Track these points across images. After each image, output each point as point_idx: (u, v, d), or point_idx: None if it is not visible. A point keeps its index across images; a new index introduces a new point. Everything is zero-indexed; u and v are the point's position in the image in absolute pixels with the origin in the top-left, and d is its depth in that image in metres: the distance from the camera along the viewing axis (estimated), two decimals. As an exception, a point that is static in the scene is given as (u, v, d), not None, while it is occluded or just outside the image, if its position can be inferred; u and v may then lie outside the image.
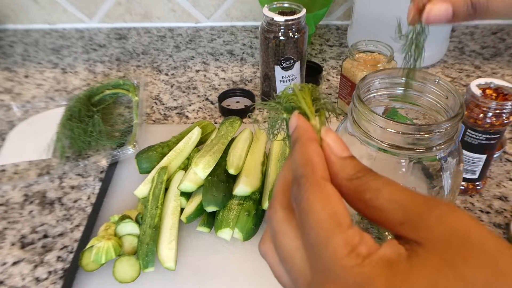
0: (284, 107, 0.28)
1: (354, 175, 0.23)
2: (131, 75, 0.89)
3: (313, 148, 0.24)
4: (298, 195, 0.22)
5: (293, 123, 0.26)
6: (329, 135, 0.25)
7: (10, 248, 0.54)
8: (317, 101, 0.28)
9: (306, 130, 0.25)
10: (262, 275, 0.50)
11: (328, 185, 0.22)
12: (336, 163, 0.24)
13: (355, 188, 0.22)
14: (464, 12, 0.32)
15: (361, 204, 0.22)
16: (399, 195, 0.21)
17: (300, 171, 0.23)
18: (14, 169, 0.67)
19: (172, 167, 0.59)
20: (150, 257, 0.49)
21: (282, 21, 0.66)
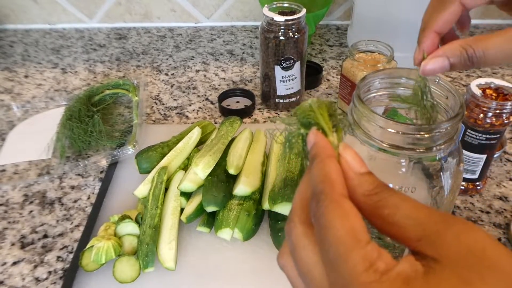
0: (301, 122, 0.28)
1: (372, 191, 0.23)
2: (131, 75, 0.89)
3: (332, 165, 0.24)
4: (317, 211, 0.23)
5: (311, 140, 0.27)
6: (347, 151, 0.26)
7: (10, 248, 0.54)
8: (333, 117, 0.28)
9: (324, 147, 0.26)
10: (262, 275, 0.50)
11: (346, 201, 0.22)
12: (354, 178, 0.24)
13: (373, 204, 0.23)
14: (461, 64, 0.32)
15: (379, 219, 0.23)
16: (416, 212, 0.21)
17: (319, 187, 0.23)
18: (14, 169, 0.67)
19: (172, 167, 0.59)
20: (150, 257, 0.49)
21: (282, 21, 0.66)
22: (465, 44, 0.32)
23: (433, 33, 0.34)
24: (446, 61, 0.32)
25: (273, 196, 0.51)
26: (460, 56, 0.32)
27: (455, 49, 0.32)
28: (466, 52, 0.32)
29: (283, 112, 0.77)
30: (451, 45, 0.32)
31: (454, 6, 0.34)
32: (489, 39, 0.31)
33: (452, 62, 0.32)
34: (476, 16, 1.04)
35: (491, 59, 0.31)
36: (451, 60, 0.32)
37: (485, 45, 0.31)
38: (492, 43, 0.31)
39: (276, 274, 0.49)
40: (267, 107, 0.78)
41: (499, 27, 1.03)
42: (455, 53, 0.32)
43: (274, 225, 0.52)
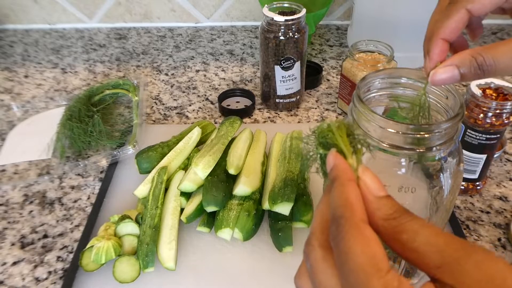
0: (320, 142, 0.28)
1: (391, 215, 0.23)
2: (131, 75, 0.89)
3: (352, 189, 0.24)
4: (337, 236, 0.23)
5: (331, 162, 0.27)
6: (366, 174, 0.26)
7: (10, 248, 0.54)
8: (352, 137, 0.28)
9: (344, 170, 0.26)
10: (262, 275, 0.50)
11: (367, 228, 0.22)
12: (373, 202, 0.24)
13: (392, 229, 0.23)
14: (471, 73, 0.31)
15: (398, 244, 0.23)
16: (436, 238, 0.21)
17: (339, 211, 0.23)
18: (14, 169, 0.67)
19: (172, 167, 0.59)
20: (150, 257, 0.49)
21: (282, 21, 0.66)
22: (475, 52, 0.31)
23: (440, 40, 0.33)
24: (456, 70, 0.31)
25: (273, 196, 0.51)
26: (470, 66, 0.31)
27: (464, 58, 0.31)
28: (476, 61, 0.31)
29: (283, 112, 0.77)
30: (460, 55, 0.31)
31: (460, 14, 0.33)
32: (499, 46, 0.30)
33: (462, 72, 0.31)
34: (476, 16, 1.04)
35: (502, 68, 0.30)
36: (461, 70, 0.31)
37: (495, 53, 0.30)
38: (502, 50, 0.30)
39: (276, 274, 0.50)
40: (267, 107, 0.78)
41: (499, 27, 1.03)
42: (464, 63, 0.31)
43: (274, 225, 0.52)
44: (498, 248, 0.53)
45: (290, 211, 0.51)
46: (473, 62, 0.31)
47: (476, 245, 0.21)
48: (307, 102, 0.79)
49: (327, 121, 0.29)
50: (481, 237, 0.54)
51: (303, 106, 0.78)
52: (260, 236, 0.54)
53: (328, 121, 0.29)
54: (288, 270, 0.49)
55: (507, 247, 0.53)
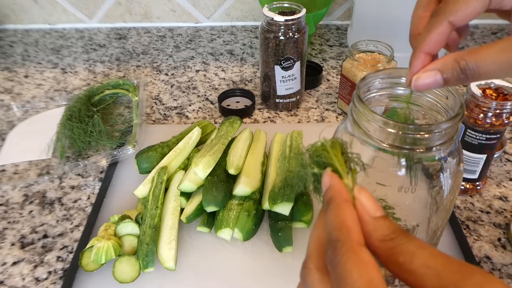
0: (314, 161, 0.28)
1: (388, 236, 0.23)
2: (131, 75, 0.89)
3: (348, 210, 0.24)
4: (334, 259, 0.22)
5: (326, 182, 0.26)
6: (362, 194, 0.25)
7: (10, 248, 0.54)
8: (346, 156, 0.28)
9: (340, 191, 0.25)
10: (262, 275, 0.50)
11: (364, 251, 0.22)
12: (369, 223, 0.24)
13: (389, 250, 0.23)
14: (455, 77, 0.30)
15: (395, 266, 0.22)
16: (433, 260, 0.21)
17: (335, 234, 0.23)
18: (14, 169, 0.67)
19: (172, 167, 0.59)
20: (150, 257, 0.49)
21: (282, 21, 0.66)
22: (458, 56, 0.30)
23: (423, 54, 0.32)
24: (439, 75, 0.30)
25: (273, 196, 0.51)
26: (453, 70, 0.30)
27: (447, 62, 0.30)
28: (459, 65, 0.29)
29: (283, 112, 0.77)
30: (443, 59, 0.30)
31: (442, 27, 0.31)
32: (483, 50, 0.29)
33: (445, 76, 0.30)
34: (476, 16, 1.04)
35: (486, 72, 0.29)
36: (444, 74, 0.30)
37: (478, 56, 0.29)
38: (485, 54, 0.29)
39: (276, 274, 0.50)
40: (267, 107, 0.78)
41: (499, 27, 1.03)
42: (447, 67, 0.30)
43: (274, 225, 0.52)
44: (498, 248, 0.53)
45: (290, 211, 0.51)
46: (456, 66, 0.30)
47: (474, 267, 0.21)
48: (307, 102, 0.79)
49: (321, 139, 0.29)
50: (481, 237, 0.54)
51: (303, 106, 0.78)
52: (260, 236, 0.54)
53: (322, 139, 0.29)
54: (288, 270, 0.50)
55: (507, 247, 0.53)
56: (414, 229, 0.40)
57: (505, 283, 0.48)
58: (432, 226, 0.41)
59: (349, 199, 0.25)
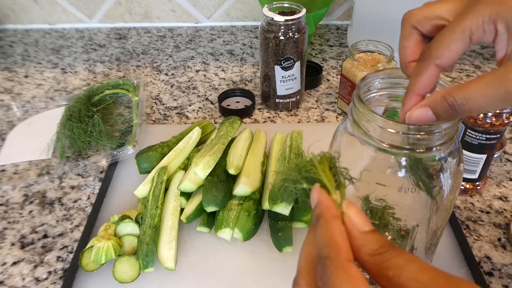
0: (303, 176, 0.28)
1: (377, 251, 0.24)
2: (131, 75, 0.89)
3: (337, 226, 0.25)
4: (324, 276, 0.23)
5: (315, 198, 0.27)
6: (351, 209, 0.26)
7: (10, 248, 0.54)
8: (334, 170, 0.28)
9: (328, 207, 0.26)
10: (262, 275, 0.50)
11: (353, 267, 0.23)
12: (358, 238, 0.24)
13: (378, 264, 0.23)
14: (445, 113, 0.30)
15: (384, 280, 0.23)
16: (421, 274, 0.22)
17: (325, 251, 0.23)
18: (14, 169, 0.67)
19: (172, 167, 0.59)
20: (150, 257, 0.49)
21: (282, 21, 0.66)
22: (446, 93, 0.30)
23: (415, 96, 0.32)
24: (430, 111, 0.31)
25: (273, 196, 0.51)
26: (441, 105, 0.30)
27: (435, 100, 0.31)
28: (447, 102, 0.30)
29: (283, 112, 0.77)
30: (433, 96, 0.31)
31: (430, 71, 0.32)
32: (469, 85, 0.29)
33: (435, 112, 0.31)
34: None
35: (475, 106, 0.29)
36: (434, 111, 0.31)
37: (466, 92, 0.29)
38: (473, 89, 0.29)
39: (276, 274, 0.50)
40: (267, 107, 0.78)
41: (499, 27, 1.03)
42: (436, 103, 0.30)
43: (274, 225, 0.52)
44: (498, 248, 0.53)
45: (290, 211, 0.51)
46: (444, 103, 0.30)
47: (462, 280, 0.21)
48: (307, 102, 0.79)
49: (309, 154, 0.29)
50: (481, 237, 0.54)
51: (303, 106, 0.78)
52: (260, 236, 0.54)
53: (310, 154, 0.29)
54: (288, 270, 0.50)
55: (507, 247, 0.53)
56: (414, 229, 0.40)
57: (505, 283, 0.49)
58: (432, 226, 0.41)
59: (338, 215, 0.25)
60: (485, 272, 0.50)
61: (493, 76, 0.28)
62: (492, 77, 0.28)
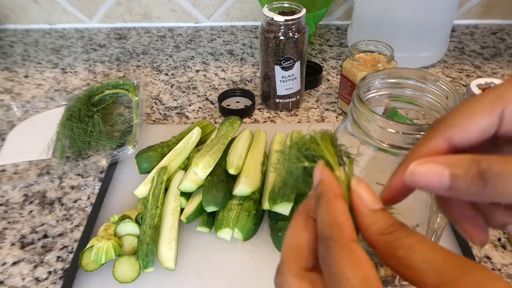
0: (304, 155, 0.27)
1: (386, 230, 0.22)
2: (131, 75, 0.89)
3: (339, 205, 0.23)
4: (327, 257, 0.22)
5: (317, 176, 0.25)
6: (360, 186, 0.24)
7: (10, 248, 0.54)
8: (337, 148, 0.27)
9: (331, 185, 0.24)
10: (262, 275, 0.50)
11: (357, 248, 0.21)
12: (367, 215, 0.23)
13: (387, 244, 0.22)
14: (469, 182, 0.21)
15: (393, 260, 0.22)
16: (433, 256, 0.21)
17: (327, 231, 0.22)
18: (14, 169, 0.67)
19: (172, 167, 0.59)
20: (150, 257, 0.49)
21: (282, 21, 0.66)
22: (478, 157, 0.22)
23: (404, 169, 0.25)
24: (447, 172, 0.22)
25: (273, 196, 0.51)
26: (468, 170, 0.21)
27: (461, 159, 0.22)
28: (479, 166, 0.21)
29: (283, 112, 0.77)
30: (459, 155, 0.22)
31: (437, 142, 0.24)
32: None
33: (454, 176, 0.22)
34: (476, 16, 1.04)
35: None
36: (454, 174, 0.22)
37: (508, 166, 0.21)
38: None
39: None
40: (267, 107, 0.78)
41: (499, 27, 1.03)
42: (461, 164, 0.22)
43: (274, 225, 0.52)
44: (498, 248, 0.53)
45: (290, 211, 0.51)
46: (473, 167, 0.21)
47: (476, 263, 0.20)
48: (307, 102, 0.79)
49: (310, 131, 0.27)
50: (481, 237, 0.54)
51: (303, 106, 0.78)
52: (260, 236, 0.54)
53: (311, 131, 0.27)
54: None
55: (507, 247, 0.53)
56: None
57: (505, 283, 0.48)
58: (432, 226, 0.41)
59: (340, 193, 0.24)
60: (485, 272, 0.50)
61: None
62: None
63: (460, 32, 1.02)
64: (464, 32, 1.02)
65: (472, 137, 0.23)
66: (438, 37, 0.86)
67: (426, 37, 0.83)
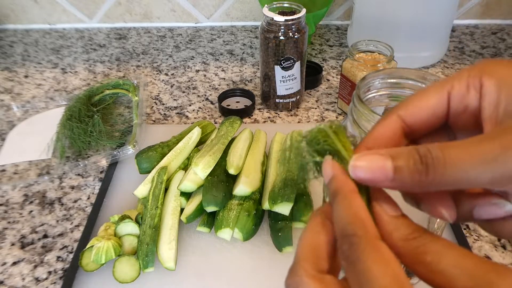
0: (315, 149, 0.25)
1: (410, 235, 0.22)
2: (131, 75, 0.89)
3: (357, 201, 0.23)
4: (351, 256, 0.21)
5: (328, 172, 0.24)
6: (378, 193, 0.24)
7: (10, 248, 0.54)
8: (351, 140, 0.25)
9: (345, 181, 0.24)
10: (262, 275, 0.50)
11: (384, 246, 0.21)
12: (389, 222, 0.23)
13: (413, 250, 0.22)
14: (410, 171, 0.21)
15: (421, 267, 0.21)
16: (463, 260, 0.20)
17: (350, 229, 0.22)
18: (14, 169, 0.67)
19: (172, 167, 0.59)
20: (150, 257, 0.49)
21: (282, 21, 0.66)
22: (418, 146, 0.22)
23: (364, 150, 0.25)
24: (389, 162, 0.22)
25: (273, 196, 0.51)
26: (409, 157, 0.22)
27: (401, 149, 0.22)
28: (418, 153, 0.21)
29: (283, 112, 0.77)
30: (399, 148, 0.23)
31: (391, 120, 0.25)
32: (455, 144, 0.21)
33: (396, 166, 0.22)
34: (476, 16, 1.04)
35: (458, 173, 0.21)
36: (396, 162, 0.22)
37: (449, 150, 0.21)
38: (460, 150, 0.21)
39: (276, 274, 0.50)
40: (267, 107, 0.78)
41: (499, 27, 1.03)
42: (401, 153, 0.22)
43: (274, 225, 0.52)
44: (498, 248, 0.53)
45: (290, 211, 0.51)
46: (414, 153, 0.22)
47: (508, 267, 0.20)
48: (307, 102, 0.79)
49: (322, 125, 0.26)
50: (481, 237, 0.54)
51: (303, 106, 0.78)
52: (260, 236, 0.54)
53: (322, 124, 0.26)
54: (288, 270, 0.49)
55: (507, 247, 0.53)
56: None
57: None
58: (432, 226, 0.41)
59: (356, 189, 0.23)
60: (485, 272, 0.50)
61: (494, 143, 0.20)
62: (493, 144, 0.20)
63: (460, 32, 1.02)
64: (464, 32, 1.02)
65: (423, 115, 0.25)
66: (438, 37, 0.86)
67: (426, 37, 0.83)
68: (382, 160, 0.22)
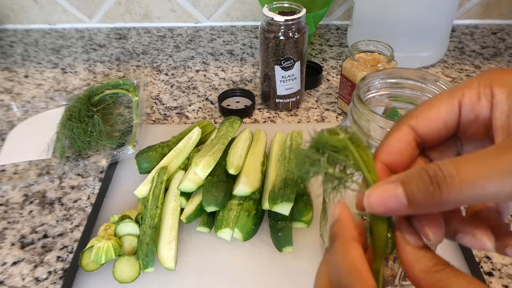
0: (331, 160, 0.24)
1: (433, 268, 0.22)
2: (131, 75, 0.89)
3: (356, 251, 0.23)
4: None
5: (335, 214, 0.24)
6: (401, 223, 0.23)
7: (10, 248, 0.54)
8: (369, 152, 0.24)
9: (347, 227, 0.24)
10: (262, 274, 0.50)
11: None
12: (411, 253, 0.23)
13: (435, 282, 0.22)
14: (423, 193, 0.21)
15: None
16: None
17: (347, 281, 0.22)
18: (14, 169, 0.67)
19: (172, 167, 0.59)
20: (150, 257, 0.49)
21: (282, 21, 0.66)
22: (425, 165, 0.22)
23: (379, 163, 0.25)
24: (400, 189, 0.21)
25: (273, 196, 0.51)
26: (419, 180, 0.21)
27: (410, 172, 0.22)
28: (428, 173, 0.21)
29: (283, 112, 0.77)
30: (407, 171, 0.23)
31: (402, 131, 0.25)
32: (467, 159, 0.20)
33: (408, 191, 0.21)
34: (476, 16, 1.04)
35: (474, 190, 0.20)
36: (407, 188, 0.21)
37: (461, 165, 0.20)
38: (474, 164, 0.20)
39: (276, 274, 0.50)
40: (267, 107, 0.78)
41: (499, 27, 1.03)
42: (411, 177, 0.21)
43: (274, 225, 0.52)
44: (498, 248, 0.53)
45: (290, 211, 0.51)
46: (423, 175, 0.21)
47: None
48: (307, 102, 0.79)
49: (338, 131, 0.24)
50: (481, 237, 0.54)
51: (303, 106, 0.78)
52: (260, 236, 0.54)
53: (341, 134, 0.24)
54: (288, 270, 0.50)
55: (507, 247, 0.53)
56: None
57: (505, 283, 0.48)
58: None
59: (356, 237, 0.23)
60: (485, 272, 0.50)
61: None
62: None
63: (460, 32, 1.02)
64: (464, 32, 1.02)
65: (434, 125, 0.24)
66: (438, 37, 0.86)
67: (426, 37, 0.83)
68: (393, 188, 0.22)
